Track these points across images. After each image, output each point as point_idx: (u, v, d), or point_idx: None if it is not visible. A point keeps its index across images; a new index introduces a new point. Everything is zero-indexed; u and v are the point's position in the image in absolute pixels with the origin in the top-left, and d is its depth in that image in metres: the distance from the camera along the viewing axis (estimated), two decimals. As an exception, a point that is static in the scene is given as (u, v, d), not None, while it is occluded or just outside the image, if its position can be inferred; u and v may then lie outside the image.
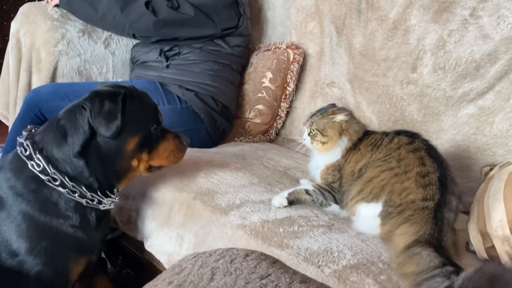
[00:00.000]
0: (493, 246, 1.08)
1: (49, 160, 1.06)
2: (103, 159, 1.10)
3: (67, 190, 1.06)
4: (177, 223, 1.28)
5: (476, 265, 0.80)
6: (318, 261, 1.02)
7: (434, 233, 1.01)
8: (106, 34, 2.02)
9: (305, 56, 2.03)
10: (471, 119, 1.54)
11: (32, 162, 1.05)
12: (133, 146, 1.12)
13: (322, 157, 1.29)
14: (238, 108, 1.99)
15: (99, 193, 1.12)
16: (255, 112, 1.98)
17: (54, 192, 1.06)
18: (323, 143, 1.26)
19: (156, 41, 1.91)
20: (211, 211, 1.23)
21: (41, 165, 1.05)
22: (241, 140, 1.93)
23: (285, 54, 2.01)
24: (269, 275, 0.54)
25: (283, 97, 2.01)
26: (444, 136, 1.60)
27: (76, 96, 1.64)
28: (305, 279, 0.54)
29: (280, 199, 1.25)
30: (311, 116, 1.31)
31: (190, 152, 1.61)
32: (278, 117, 2.03)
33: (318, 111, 1.32)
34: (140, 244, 1.45)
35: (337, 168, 1.25)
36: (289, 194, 1.27)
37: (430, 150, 1.16)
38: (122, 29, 1.86)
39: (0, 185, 1.07)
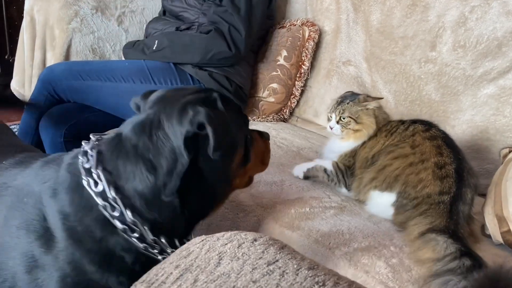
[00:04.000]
0: (509, 231, 1.06)
1: (129, 202, 0.76)
2: (205, 189, 0.82)
3: (144, 245, 0.77)
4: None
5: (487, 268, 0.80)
6: (329, 243, 1.01)
7: (449, 225, 0.99)
8: (119, 11, 2.01)
9: (320, 34, 1.98)
10: (491, 99, 1.50)
11: (105, 203, 0.75)
12: (239, 161, 0.87)
13: (344, 143, 1.26)
14: (252, 87, 1.96)
15: (176, 241, 0.82)
16: (269, 91, 1.95)
17: (125, 244, 0.77)
18: (356, 130, 1.22)
19: (172, 17, 1.89)
20: (223, 191, 1.22)
21: (119, 210, 0.76)
22: (254, 120, 1.92)
23: (300, 32, 1.97)
24: (277, 260, 0.53)
25: (297, 75, 1.98)
26: (462, 117, 1.56)
27: (89, 75, 1.66)
28: (313, 266, 0.54)
29: (298, 172, 1.31)
30: (339, 104, 1.26)
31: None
32: (292, 96, 2.00)
33: (344, 98, 1.27)
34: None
35: (352, 154, 1.24)
36: (308, 170, 1.30)
37: (447, 139, 1.13)
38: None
39: (54, 219, 0.77)
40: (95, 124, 1.68)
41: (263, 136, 1.00)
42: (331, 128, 1.26)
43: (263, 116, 1.94)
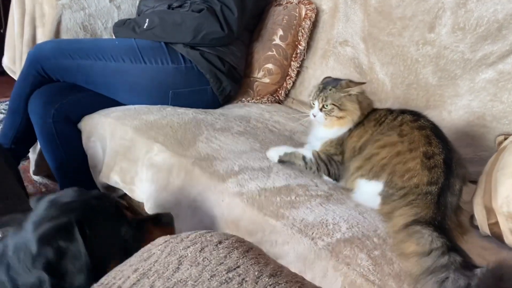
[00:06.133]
0: (496, 223, 1.04)
1: None
2: None
3: None
4: (175, 187, 1.27)
5: (489, 265, 0.79)
6: (312, 233, 1.00)
7: (436, 217, 0.97)
8: (111, -13, 1.95)
9: (317, 12, 1.92)
10: (489, 84, 1.46)
11: None
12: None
13: (329, 131, 1.22)
14: (246, 67, 1.92)
15: None
16: (264, 72, 1.91)
17: None
18: (340, 117, 1.19)
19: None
20: (209, 178, 1.21)
21: None
22: (248, 101, 1.88)
23: (297, 10, 1.90)
24: (238, 267, 0.51)
25: (293, 56, 1.93)
26: (459, 102, 1.52)
27: (79, 54, 1.62)
28: (275, 272, 0.52)
29: (274, 154, 1.28)
30: (321, 91, 1.21)
31: (194, 113, 1.58)
32: (288, 77, 1.95)
33: (326, 84, 1.22)
34: (142, 205, 1.46)
35: (340, 142, 1.21)
36: (285, 154, 1.27)
37: (435, 130, 1.11)
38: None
39: None
40: (84, 104, 1.65)
41: (161, 223, 0.98)
42: (314, 116, 1.21)
43: (258, 98, 1.91)
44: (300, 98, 1.99)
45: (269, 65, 1.91)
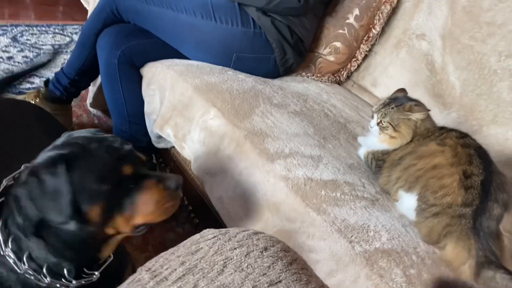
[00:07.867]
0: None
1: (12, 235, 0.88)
2: (66, 241, 0.87)
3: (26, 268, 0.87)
4: (225, 156, 1.29)
5: None
6: (351, 236, 1.00)
7: (483, 247, 0.94)
8: None
9: (400, -2, 1.83)
10: None
11: None
12: (98, 214, 0.87)
13: (379, 144, 1.22)
14: (313, 41, 1.86)
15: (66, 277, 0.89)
16: (330, 49, 1.85)
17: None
18: (392, 137, 1.18)
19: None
20: (258, 155, 1.21)
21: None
22: (308, 77, 1.84)
23: (379, -9, 1.81)
24: (280, 281, 0.52)
25: (365, 38, 1.86)
26: (530, 125, 1.43)
27: (153, 0, 1.62)
28: (316, 294, 0.52)
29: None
30: (384, 106, 1.20)
31: (254, 81, 1.57)
32: (354, 59, 1.89)
33: (393, 100, 1.20)
34: (188, 162, 1.49)
35: (385, 152, 1.20)
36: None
37: (480, 150, 1.06)
38: None
39: None
40: (150, 50, 1.67)
41: (166, 183, 0.91)
42: (371, 127, 1.23)
43: (318, 75, 1.86)
44: (361, 83, 1.94)
45: (337, 43, 1.85)
